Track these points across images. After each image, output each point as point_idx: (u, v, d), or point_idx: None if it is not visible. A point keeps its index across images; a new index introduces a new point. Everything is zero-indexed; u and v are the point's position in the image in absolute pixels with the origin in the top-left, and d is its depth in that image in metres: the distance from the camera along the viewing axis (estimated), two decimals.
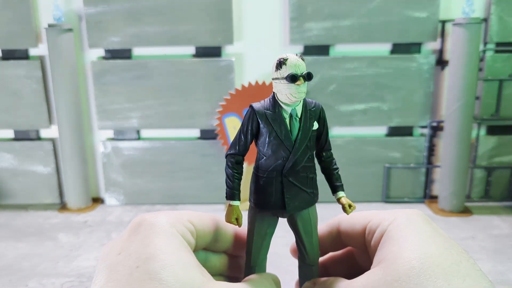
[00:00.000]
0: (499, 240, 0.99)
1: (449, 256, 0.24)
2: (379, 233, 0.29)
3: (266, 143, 0.32)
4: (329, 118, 1.19)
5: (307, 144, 0.32)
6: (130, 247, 0.25)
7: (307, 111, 0.32)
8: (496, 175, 1.22)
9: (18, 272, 0.89)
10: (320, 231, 0.35)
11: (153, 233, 0.25)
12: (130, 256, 0.24)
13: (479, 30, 1.05)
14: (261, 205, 0.33)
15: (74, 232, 1.08)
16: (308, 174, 0.33)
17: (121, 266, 0.23)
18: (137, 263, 0.23)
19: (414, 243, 0.25)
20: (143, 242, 0.24)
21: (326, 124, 0.34)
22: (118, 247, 0.25)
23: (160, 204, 1.26)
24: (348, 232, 0.33)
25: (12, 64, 1.19)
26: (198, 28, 1.15)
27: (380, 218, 0.30)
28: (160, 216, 0.27)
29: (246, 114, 0.32)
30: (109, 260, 0.24)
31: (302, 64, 0.32)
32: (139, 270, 0.23)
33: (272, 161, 0.32)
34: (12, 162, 1.26)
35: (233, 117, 1.15)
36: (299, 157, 0.32)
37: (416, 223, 0.27)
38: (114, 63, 1.18)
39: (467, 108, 1.08)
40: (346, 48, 1.18)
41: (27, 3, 1.15)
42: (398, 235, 0.26)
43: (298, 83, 0.31)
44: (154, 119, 1.21)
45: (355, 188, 1.23)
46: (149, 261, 0.23)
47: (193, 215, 0.30)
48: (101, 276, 0.24)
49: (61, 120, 1.16)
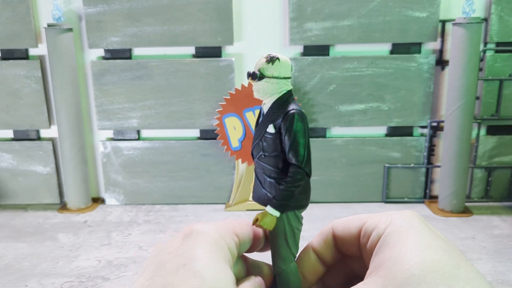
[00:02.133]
0: (499, 240, 0.99)
1: (449, 260, 0.24)
2: (376, 236, 0.29)
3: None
4: (329, 118, 1.19)
5: (259, 143, 0.34)
6: (179, 248, 0.27)
7: (269, 112, 0.33)
8: (496, 175, 1.22)
9: (18, 272, 0.88)
10: (314, 242, 0.35)
11: (203, 240, 0.27)
12: (179, 256, 0.26)
13: (479, 30, 1.04)
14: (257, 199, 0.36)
15: (74, 232, 1.08)
16: (264, 172, 0.34)
17: (169, 264, 0.26)
18: (185, 262, 0.25)
19: (412, 248, 0.25)
20: (193, 245, 0.27)
21: (289, 132, 0.33)
22: (169, 248, 0.28)
23: (160, 204, 1.25)
24: (343, 236, 0.33)
25: (12, 64, 1.19)
26: (198, 28, 1.15)
27: (376, 220, 0.30)
28: (210, 226, 0.29)
29: None
30: (159, 258, 0.27)
31: (262, 63, 0.33)
32: (185, 268, 0.25)
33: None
34: (12, 162, 1.25)
35: (233, 117, 1.15)
36: (253, 150, 0.34)
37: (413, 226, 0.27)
38: (114, 63, 1.18)
39: (467, 108, 1.08)
40: (346, 48, 1.17)
41: (27, 3, 1.15)
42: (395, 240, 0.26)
43: (250, 80, 0.33)
44: (154, 119, 1.21)
45: (355, 188, 1.23)
46: (195, 261, 0.25)
47: (238, 226, 0.31)
48: (148, 271, 0.26)
49: (61, 120, 1.16)
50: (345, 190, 1.23)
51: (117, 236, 1.05)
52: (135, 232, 1.07)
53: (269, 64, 0.32)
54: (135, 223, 1.12)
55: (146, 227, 1.10)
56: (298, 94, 1.17)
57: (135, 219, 1.15)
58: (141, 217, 1.17)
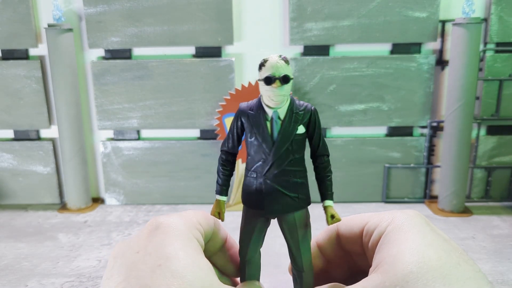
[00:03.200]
0: (499, 240, 0.99)
1: (448, 259, 0.24)
2: (377, 235, 0.29)
3: (248, 143, 0.33)
4: (329, 118, 1.19)
5: (289, 147, 0.32)
6: (148, 246, 0.25)
7: (292, 114, 0.32)
8: (496, 175, 1.22)
9: (18, 272, 0.89)
10: (320, 237, 0.35)
11: (172, 235, 0.26)
12: (150, 255, 0.25)
13: (479, 30, 1.05)
14: (244, 202, 0.35)
15: (74, 232, 1.08)
16: (291, 178, 0.32)
17: (142, 264, 0.24)
18: (159, 262, 0.24)
19: (412, 246, 0.25)
20: (163, 242, 0.25)
21: (318, 127, 0.33)
22: (136, 247, 0.26)
23: (160, 204, 1.26)
24: (347, 235, 0.33)
25: (12, 64, 1.19)
26: (198, 28, 1.15)
27: (377, 219, 0.30)
28: (176, 219, 0.28)
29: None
30: (128, 259, 0.25)
31: (283, 65, 0.30)
32: (161, 268, 0.23)
33: (253, 162, 0.32)
34: (12, 162, 1.26)
35: (233, 117, 1.15)
36: (278, 160, 0.31)
37: (414, 225, 0.27)
38: (114, 63, 1.18)
39: (467, 108, 1.08)
40: (346, 48, 1.18)
41: (27, 3, 1.15)
42: (396, 238, 0.26)
43: (274, 86, 0.30)
44: (154, 119, 1.21)
45: (355, 188, 1.23)
46: (171, 260, 0.24)
47: (200, 216, 0.31)
48: (119, 273, 0.24)
49: (61, 120, 1.16)
50: (345, 190, 1.23)
51: (117, 236, 1.05)
52: (135, 232, 1.07)
53: (287, 65, 0.31)
54: (135, 223, 1.12)
55: None
56: (298, 94, 1.17)
57: (135, 219, 1.15)
58: (141, 217, 1.17)
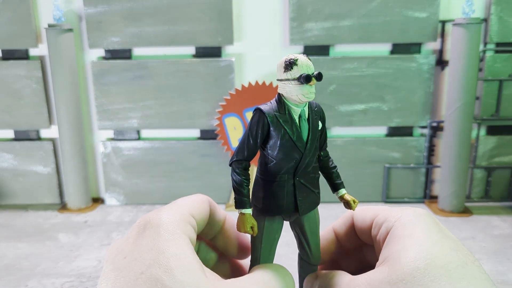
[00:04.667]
0: (499, 240, 0.99)
1: (455, 258, 0.24)
2: (385, 229, 0.29)
3: (278, 146, 0.31)
4: (329, 118, 1.19)
5: (316, 144, 0.32)
6: (134, 251, 0.25)
7: (312, 111, 0.32)
8: (496, 175, 1.22)
9: (18, 272, 0.89)
10: (337, 223, 0.35)
11: (158, 236, 0.25)
12: (135, 261, 0.24)
13: (479, 30, 1.05)
14: (272, 211, 0.32)
15: (74, 232, 1.08)
16: (315, 175, 0.33)
17: (127, 271, 0.24)
18: (142, 269, 0.23)
19: (420, 242, 0.25)
20: (147, 246, 0.25)
21: (325, 124, 0.34)
22: (125, 251, 0.25)
23: (160, 204, 1.26)
24: (360, 224, 0.33)
25: (12, 64, 1.19)
26: (198, 28, 1.15)
27: (387, 213, 0.30)
28: (164, 215, 0.27)
29: (253, 118, 0.31)
30: (115, 264, 0.25)
31: (312, 64, 0.31)
32: (143, 276, 0.23)
33: (283, 164, 0.31)
34: (12, 162, 1.26)
35: (233, 117, 1.15)
36: (310, 158, 0.32)
37: (423, 222, 0.27)
38: (114, 63, 1.18)
39: (467, 108, 1.08)
40: (346, 48, 1.18)
41: (27, 3, 1.15)
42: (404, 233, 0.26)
43: (311, 84, 0.30)
44: (154, 119, 1.21)
45: (355, 188, 1.23)
46: (152, 266, 0.23)
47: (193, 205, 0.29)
48: (107, 280, 0.24)
49: (61, 120, 1.16)
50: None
51: (117, 236, 1.05)
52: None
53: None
54: None
55: None
56: None
57: (135, 219, 1.15)
58: None
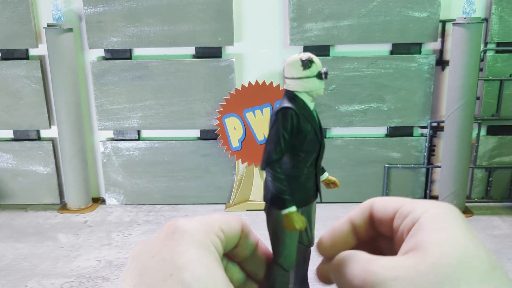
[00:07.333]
0: (499, 240, 0.99)
1: (486, 260, 0.23)
2: (410, 220, 0.29)
3: (307, 141, 0.34)
4: (329, 118, 1.19)
5: (323, 139, 0.37)
6: (163, 252, 0.26)
7: (315, 109, 0.37)
8: (496, 175, 1.22)
9: (18, 272, 0.88)
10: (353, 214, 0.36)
11: (188, 242, 0.26)
12: (164, 262, 0.25)
13: (479, 30, 1.04)
14: (303, 203, 0.34)
15: (74, 232, 1.08)
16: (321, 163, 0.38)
17: (155, 271, 0.24)
18: (172, 271, 0.24)
19: (454, 239, 0.25)
20: (177, 249, 0.25)
21: None
22: (152, 250, 0.26)
23: (160, 204, 1.25)
24: (380, 215, 0.33)
25: (12, 64, 1.19)
26: (198, 28, 1.15)
27: (413, 205, 0.30)
28: (194, 223, 0.28)
29: (282, 116, 0.33)
30: (142, 262, 0.26)
31: (320, 61, 0.37)
32: (173, 278, 0.24)
33: (309, 157, 0.34)
34: (12, 162, 1.25)
35: (233, 117, 1.15)
36: (324, 148, 0.36)
37: (455, 217, 0.27)
38: (114, 63, 1.18)
39: (468, 108, 1.08)
40: (346, 49, 1.17)
41: (27, 3, 1.15)
42: (436, 226, 0.26)
43: (326, 80, 0.34)
44: (154, 119, 1.21)
45: (355, 188, 1.23)
46: (183, 271, 0.24)
47: (223, 221, 0.30)
48: (132, 276, 0.25)
49: (61, 120, 1.16)
50: (345, 190, 1.23)
51: (117, 236, 1.05)
52: (135, 232, 1.07)
53: None
54: (135, 223, 1.12)
55: (146, 227, 1.10)
56: None
57: (135, 219, 1.15)
58: (141, 217, 1.17)
